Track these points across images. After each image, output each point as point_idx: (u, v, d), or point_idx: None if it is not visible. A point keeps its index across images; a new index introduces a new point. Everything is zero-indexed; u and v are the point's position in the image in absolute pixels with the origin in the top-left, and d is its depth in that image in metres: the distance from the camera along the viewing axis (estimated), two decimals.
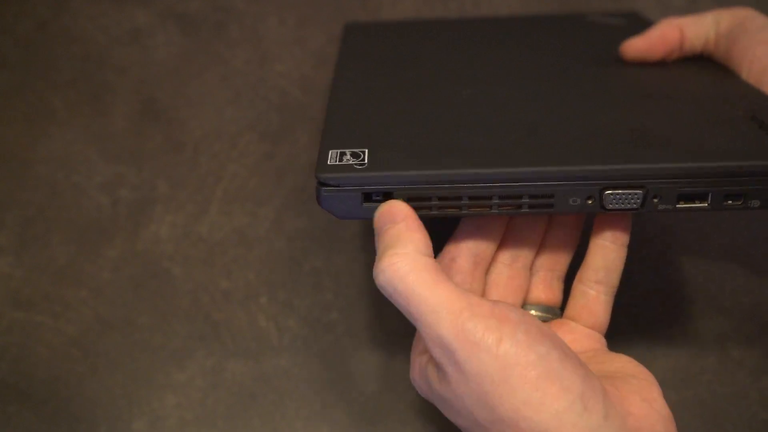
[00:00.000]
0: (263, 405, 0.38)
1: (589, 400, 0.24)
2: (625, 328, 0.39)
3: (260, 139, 0.47)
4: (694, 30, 0.36)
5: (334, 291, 0.41)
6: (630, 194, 0.27)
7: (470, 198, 0.28)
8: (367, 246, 0.43)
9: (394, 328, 0.40)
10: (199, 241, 0.43)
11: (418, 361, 0.29)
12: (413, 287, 0.25)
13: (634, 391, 0.26)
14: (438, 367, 0.26)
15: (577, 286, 0.32)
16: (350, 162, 0.28)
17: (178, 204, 0.44)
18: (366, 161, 0.28)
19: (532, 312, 0.32)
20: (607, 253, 0.31)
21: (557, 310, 0.33)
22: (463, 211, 0.28)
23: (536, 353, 0.24)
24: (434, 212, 0.28)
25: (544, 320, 0.32)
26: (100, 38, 0.51)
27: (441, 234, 0.41)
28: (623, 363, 0.29)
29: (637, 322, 0.40)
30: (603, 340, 0.32)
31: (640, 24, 0.43)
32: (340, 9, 0.51)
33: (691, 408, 0.37)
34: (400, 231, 0.26)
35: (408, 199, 0.28)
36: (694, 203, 0.28)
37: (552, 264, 0.33)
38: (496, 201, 0.28)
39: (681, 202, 0.28)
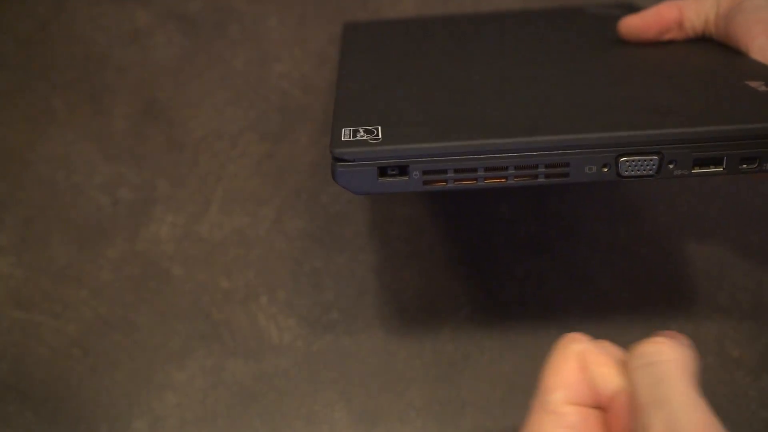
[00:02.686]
0: (263, 405, 0.38)
1: None
2: (626, 328, 0.40)
3: (260, 139, 0.47)
4: (695, 10, 0.37)
5: (334, 291, 0.41)
6: (646, 160, 0.27)
7: (486, 169, 0.27)
8: (367, 246, 0.43)
9: (394, 328, 0.40)
10: (199, 241, 0.43)
11: None
12: (682, 391, 0.23)
13: None
14: None
15: None
16: (364, 137, 0.27)
17: (179, 204, 0.44)
18: (380, 136, 0.27)
19: None
20: None
21: None
22: (479, 183, 0.28)
23: None
24: (450, 185, 0.28)
25: None
26: (100, 38, 0.51)
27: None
28: None
29: (637, 321, 0.40)
30: None
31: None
32: (341, 9, 0.51)
33: None
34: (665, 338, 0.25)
35: (424, 172, 0.27)
36: (710, 168, 0.28)
37: None
38: (512, 171, 0.27)
39: (696, 167, 0.27)
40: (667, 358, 0.24)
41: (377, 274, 0.42)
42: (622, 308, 0.40)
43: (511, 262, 0.42)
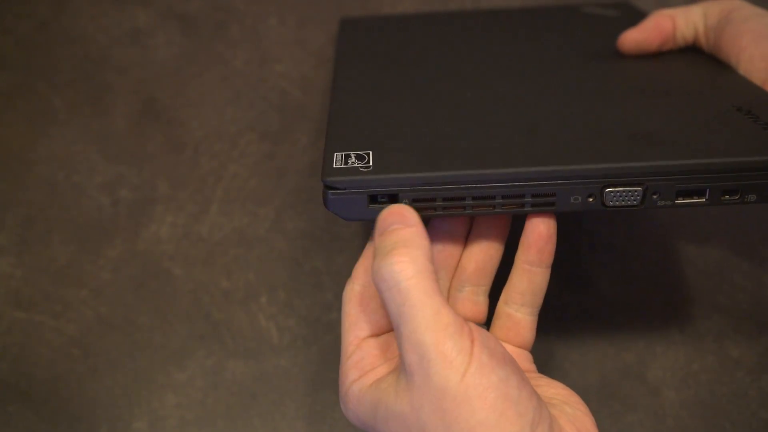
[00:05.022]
0: (263, 405, 0.38)
1: (538, 427, 0.25)
2: (625, 328, 0.40)
3: (260, 139, 0.47)
4: (684, 20, 0.37)
5: (334, 291, 0.41)
6: (630, 191, 0.28)
7: (474, 198, 0.28)
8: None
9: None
10: (199, 241, 0.43)
11: (366, 376, 0.28)
12: (415, 290, 0.25)
13: (570, 421, 0.27)
14: (405, 374, 0.26)
15: (503, 308, 0.31)
16: (355, 165, 0.28)
17: (179, 204, 0.44)
18: (371, 164, 0.28)
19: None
20: (533, 276, 0.31)
21: (484, 327, 0.33)
22: (468, 211, 0.28)
23: (497, 376, 0.25)
24: (439, 212, 0.28)
25: None
26: (100, 38, 0.51)
27: None
28: (558, 390, 0.29)
29: (637, 322, 0.40)
30: (530, 357, 0.32)
31: (632, 14, 0.43)
32: (341, 9, 0.51)
33: (690, 408, 0.37)
34: (413, 234, 0.26)
35: (413, 200, 0.28)
36: (693, 199, 0.28)
37: (477, 279, 0.32)
38: (500, 200, 0.28)
39: (679, 198, 0.28)
40: (405, 277, 0.25)
41: None
42: (622, 308, 0.40)
43: (510, 262, 0.42)
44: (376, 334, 0.30)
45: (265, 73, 0.49)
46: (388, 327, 0.30)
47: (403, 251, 0.26)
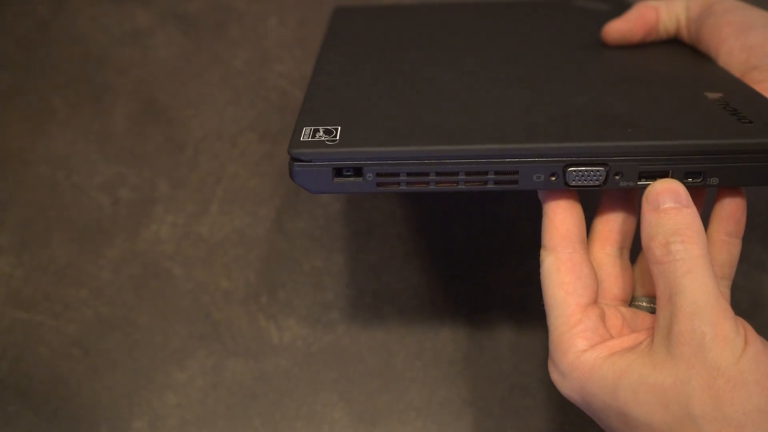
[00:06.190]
0: (263, 405, 0.38)
1: None
2: None
3: (260, 139, 0.47)
4: (666, 11, 0.37)
5: (334, 291, 0.41)
6: (592, 171, 0.28)
7: (437, 174, 0.28)
8: (367, 246, 0.43)
9: (394, 328, 0.40)
10: (199, 241, 0.43)
11: (601, 346, 0.27)
12: (701, 268, 0.26)
13: None
14: (670, 344, 0.25)
15: None
16: (322, 138, 0.28)
17: (179, 204, 0.44)
18: (338, 138, 0.28)
19: (643, 305, 0.32)
20: (732, 248, 0.31)
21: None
22: (431, 187, 0.29)
23: None
24: (403, 187, 0.29)
25: (653, 312, 0.31)
26: (100, 38, 0.51)
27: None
28: None
29: None
30: None
31: (624, 8, 0.44)
32: None
33: None
34: (693, 217, 0.27)
35: (377, 174, 0.28)
36: (655, 180, 0.28)
37: None
38: (463, 177, 0.28)
39: (642, 179, 0.28)
40: (694, 254, 0.26)
41: (377, 274, 0.42)
42: None
43: (511, 262, 0.42)
44: (592, 301, 0.29)
45: (265, 73, 0.49)
46: (597, 293, 0.30)
47: (690, 233, 0.26)
